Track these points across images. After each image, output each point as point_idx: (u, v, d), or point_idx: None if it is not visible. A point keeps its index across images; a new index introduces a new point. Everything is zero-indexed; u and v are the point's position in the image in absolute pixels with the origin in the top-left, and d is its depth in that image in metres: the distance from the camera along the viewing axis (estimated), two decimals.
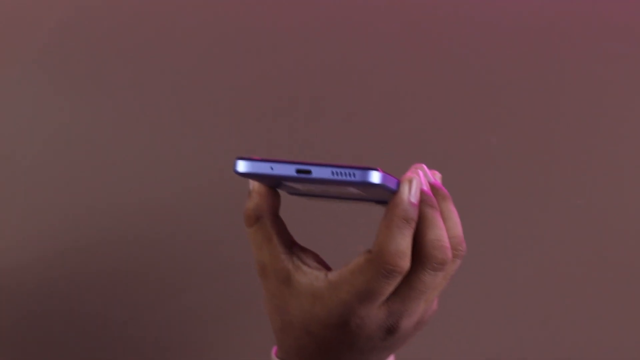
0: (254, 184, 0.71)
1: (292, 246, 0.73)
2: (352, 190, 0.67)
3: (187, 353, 0.99)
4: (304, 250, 0.73)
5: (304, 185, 0.67)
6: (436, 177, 0.72)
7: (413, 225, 0.67)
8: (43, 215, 0.97)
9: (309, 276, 0.71)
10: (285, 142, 1.00)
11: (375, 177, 0.62)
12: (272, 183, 0.68)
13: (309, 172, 0.63)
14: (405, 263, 0.67)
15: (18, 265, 0.94)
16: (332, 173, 0.63)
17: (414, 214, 0.67)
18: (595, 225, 1.04)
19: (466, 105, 1.03)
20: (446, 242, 0.69)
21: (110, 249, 0.98)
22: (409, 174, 0.69)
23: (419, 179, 0.68)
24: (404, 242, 0.67)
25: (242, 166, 0.64)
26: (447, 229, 0.71)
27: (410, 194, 0.67)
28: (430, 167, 1.03)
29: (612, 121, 1.04)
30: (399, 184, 0.67)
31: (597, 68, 1.03)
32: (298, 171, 0.63)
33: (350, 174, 0.62)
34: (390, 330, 0.70)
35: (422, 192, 0.69)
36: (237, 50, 1.00)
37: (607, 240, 1.04)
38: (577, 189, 1.04)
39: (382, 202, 0.74)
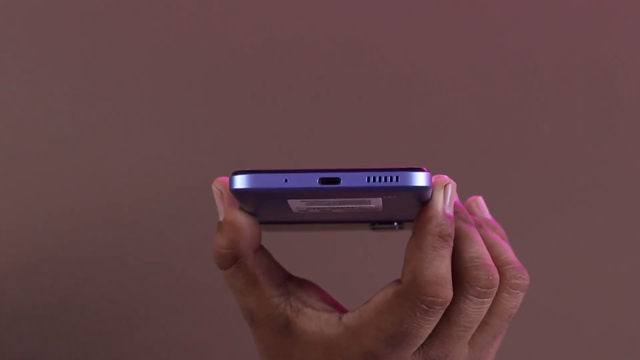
0: (227, 214, 0.56)
1: (286, 284, 0.58)
2: (373, 204, 0.54)
3: (188, 354, 0.95)
4: (302, 285, 0.58)
5: (313, 203, 0.54)
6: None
7: (451, 243, 0.54)
8: (43, 215, 0.95)
9: (316, 321, 0.56)
10: (286, 142, 0.96)
11: (422, 179, 0.51)
12: (268, 206, 0.55)
13: (337, 180, 0.51)
14: (448, 291, 0.53)
15: (18, 265, 0.94)
16: (368, 179, 0.50)
17: (451, 229, 0.54)
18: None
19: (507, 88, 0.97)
20: (489, 259, 0.55)
21: (111, 248, 0.95)
22: (442, 178, 0.55)
23: (454, 184, 0.54)
24: (443, 266, 0.53)
25: (241, 182, 0.51)
26: (495, 256, 0.56)
27: (445, 203, 0.54)
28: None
29: None
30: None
31: None
32: (322, 181, 0.51)
33: (391, 178, 0.50)
34: None
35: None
36: (238, 49, 0.97)
37: None
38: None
39: (387, 223, 0.63)
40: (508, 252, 0.57)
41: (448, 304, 0.53)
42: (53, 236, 0.96)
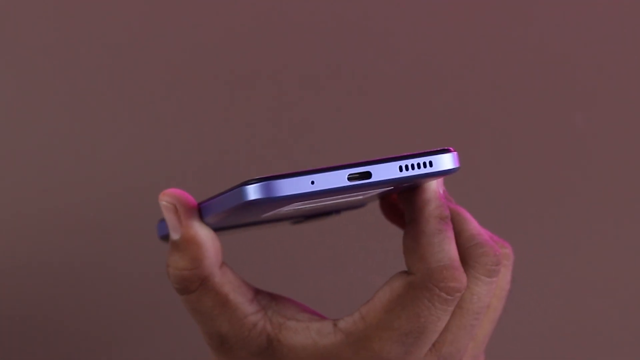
0: (186, 229, 0.51)
1: (257, 298, 0.52)
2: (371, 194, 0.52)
3: (187, 354, 0.95)
4: (275, 298, 0.53)
5: (312, 203, 0.51)
6: None
7: (451, 224, 0.51)
8: (42, 215, 0.94)
9: (304, 333, 0.51)
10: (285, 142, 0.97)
11: (453, 160, 0.49)
12: (261, 211, 0.51)
13: (368, 175, 0.47)
14: (464, 275, 0.50)
15: (17, 265, 0.94)
16: (401, 168, 0.48)
17: (447, 209, 0.52)
18: None
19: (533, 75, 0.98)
20: (487, 234, 0.53)
21: (110, 249, 0.94)
22: None
23: None
24: (452, 248, 0.50)
25: (259, 192, 0.47)
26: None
27: (438, 183, 0.52)
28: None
29: None
30: None
31: None
32: (351, 177, 0.47)
33: (424, 164, 0.48)
34: None
35: None
36: (237, 49, 0.97)
37: None
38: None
39: (359, 207, 0.61)
40: (485, 230, 0.55)
41: (465, 288, 0.50)
42: (53, 236, 0.94)
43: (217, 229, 0.54)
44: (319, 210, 0.57)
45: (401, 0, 0.98)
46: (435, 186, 0.51)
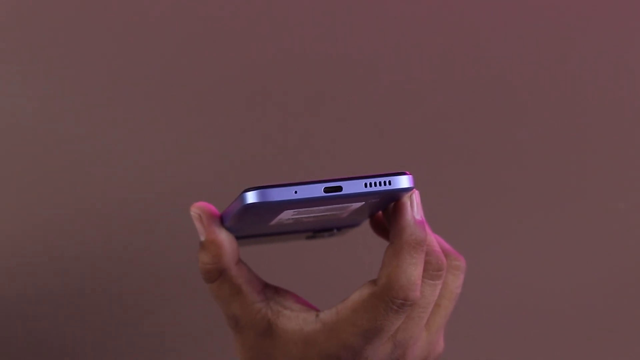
0: (209, 233, 0.63)
1: (264, 290, 0.64)
2: (353, 207, 0.61)
3: (187, 355, 0.97)
4: (279, 291, 0.65)
5: (305, 212, 0.61)
6: None
7: (424, 247, 0.60)
8: (42, 215, 0.97)
9: (295, 321, 0.63)
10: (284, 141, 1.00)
11: (408, 181, 0.59)
12: (264, 217, 0.61)
13: (339, 188, 0.58)
14: (417, 294, 0.60)
15: (17, 265, 0.96)
16: (365, 185, 0.58)
17: (423, 233, 0.60)
18: (637, 229, 1.02)
19: (488, 97, 1.02)
20: (437, 246, 0.62)
21: (111, 249, 0.96)
22: None
23: (417, 192, 0.61)
24: (415, 272, 0.60)
25: (255, 197, 0.58)
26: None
27: (413, 211, 0.61)
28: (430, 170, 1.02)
29: None
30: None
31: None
32: (326, 190, 0.58)
33: (384, 182, 0.58)
34: None
35: None
36: (237, 50, 1.00)
37: None
38: (618, 192, 1.02)
39: (353, 226, 0.70)
40: (443, 242, 0.65)
41: (415, 303, 0.60)
42: (52, 236, 0.96)
43: (241, 237, 0.66)
44: (321, 225, 0.67)
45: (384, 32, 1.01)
46: (409, 215, 0.60)
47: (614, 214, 1.01)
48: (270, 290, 0.64)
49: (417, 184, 0.61)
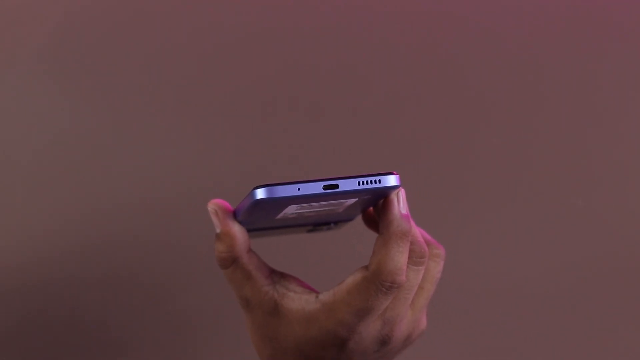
0: (223, 226, 0.71)
1: (272, 275, 0.72)
2: (347, 204, 0.68)
3: (186, 355, 1.00)
4: (284, 276, 0.73)
5: (307, 207, 0.67)
6: None
7: (409, 238, 0.68)
8: (42, 215, 0.98)
9: (298, 301, 0.70)
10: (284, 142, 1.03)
11: (395, 180, 0.65)
12: (271, 211, 0.68)
13: (336, 186, 0.64)
14: (403, 278, 0.67)
15: (18, 265, 0.96)
16: (359, 183, 0.64)
17: (408, 225, 0.68)
18: (594, 226, 1.05)
19: (462, 106, 1.05)
20: (420, 237, 0.70)
21: (110, 249, 0.99)
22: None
23: (403, 190, 0.69)
24: (401, 259, 0.67)
25: (264, 193, 0.65)
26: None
27: (400, 206, 0.68)
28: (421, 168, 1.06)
29: (611, 120, 1.06)
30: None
31: (596, 67, 1.05)
32: (325, 187, 0.64)
33: (375, 181, 0.65)
34: (384, 341, 0.70)
35: None
36: (238, 50, 1.02)
37: (606, 241, 1.06)
38: (576, 189, 1.06)
39: (348, 220, 0.77)
40: (425, 234, 0.73)
41: (402, 286, 0.68)
42: (52, 236, 0.97)
43: (252, 230, 0.73)
44: (320, 220, 0.75)
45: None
46: (396, 209, 0.67)
47: (572, 210, 1.06)
48: (277, 275, 0.72)
49: (403, 182, 0.67)
